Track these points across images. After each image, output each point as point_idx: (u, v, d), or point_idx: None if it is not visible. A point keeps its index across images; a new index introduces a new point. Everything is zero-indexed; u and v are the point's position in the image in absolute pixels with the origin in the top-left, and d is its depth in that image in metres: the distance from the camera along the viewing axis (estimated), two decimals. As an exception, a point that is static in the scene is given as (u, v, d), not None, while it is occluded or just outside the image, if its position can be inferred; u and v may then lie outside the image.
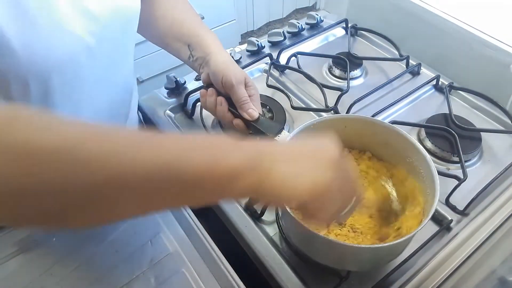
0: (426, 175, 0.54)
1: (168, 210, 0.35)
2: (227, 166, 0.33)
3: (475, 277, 0.59)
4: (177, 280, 0.57)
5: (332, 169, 0.37)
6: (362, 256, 0.52)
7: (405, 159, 0.59)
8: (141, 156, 0.30)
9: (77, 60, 0.51)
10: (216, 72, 0.62)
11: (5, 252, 0.60)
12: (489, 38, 0.83)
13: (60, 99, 0.52)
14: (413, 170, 0.58)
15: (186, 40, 0.67)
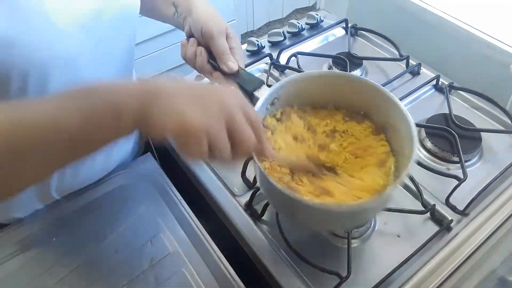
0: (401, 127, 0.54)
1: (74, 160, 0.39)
2: (107, 103, 0.37)
3: (475, 277, 0.59)
4: (177, 280, 0.57)
5: (208, 111, 0.39)
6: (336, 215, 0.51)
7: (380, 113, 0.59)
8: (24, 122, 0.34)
9: (73, 58, 0.51)
10: (196, 22, 0.60)
11: (5, 252, 0.60)
12: (489, 38, 0.83)
13: None
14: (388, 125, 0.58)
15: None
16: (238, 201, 0.66)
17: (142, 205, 0.66)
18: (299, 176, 0.54)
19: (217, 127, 0.39)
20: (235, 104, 0.41)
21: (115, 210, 0.66)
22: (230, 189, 0.67)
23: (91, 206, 0.66)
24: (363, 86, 0.59)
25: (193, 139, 0.38)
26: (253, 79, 0.58)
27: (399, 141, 0.56)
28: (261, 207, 0.63)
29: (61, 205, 0.66)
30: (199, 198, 0.70)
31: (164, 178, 0.70)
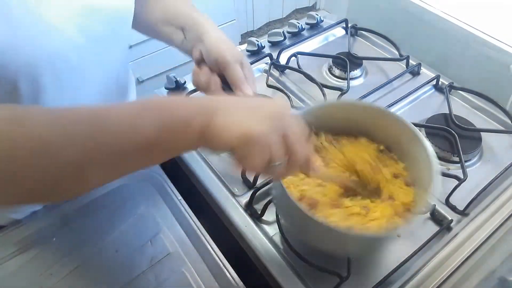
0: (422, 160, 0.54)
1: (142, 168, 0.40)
2: (179, 117, 0.38)
3: (475, 277, 0.59)
4: (177, 280, 0.57)
5: (268, 122, 0.40)
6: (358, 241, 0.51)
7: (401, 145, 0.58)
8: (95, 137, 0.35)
9: (67, 58, 0.50)
10: (210, 49, 0.60)
11: (5, 252, 0.60)
12: (489, 38, 0.83)
13: (51, 97, 0.52)
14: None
15: (179, 23, 0.65)
16: (238, 201, 0.66)
17: (142, 205, 0.66)
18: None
19: (276, 135, 0.40)
20: (288, 113, 0.43)
21: (115, 210, 0.66)
22: (230, 189, 0.67)
23: (91, 206, 0.66)
24: (387, 118, 0.59)
25: (256, 148, 0.39)
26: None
27: (419, 172, 0.56)
28: (261, 207, 0.63)
29: (61, 205, 0.66)
30: (199, 198, 0.70)
31: (164, 178, 0.70)
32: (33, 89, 0.49)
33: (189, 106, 0.40)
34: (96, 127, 0.36)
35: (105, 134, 0.36)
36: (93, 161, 0.36)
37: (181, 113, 0.39)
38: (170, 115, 0.38)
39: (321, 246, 0.53)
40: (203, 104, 0.40)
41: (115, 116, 0.37)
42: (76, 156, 0.34)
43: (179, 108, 0.39)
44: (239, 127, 0.39)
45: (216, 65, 0.60)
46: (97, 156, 0.36)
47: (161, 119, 0.38)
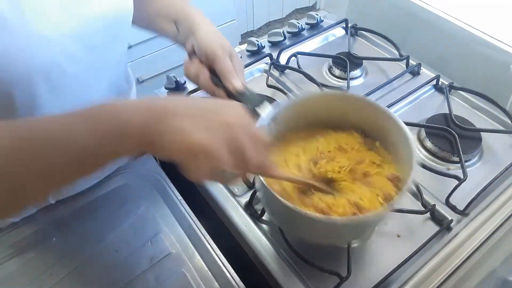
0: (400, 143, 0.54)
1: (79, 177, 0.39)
2: (116, 123, 0.37)
3: (475, 277, 0.59)
4: (177, 280, 0.57)
5: (213, 131, 0.38)
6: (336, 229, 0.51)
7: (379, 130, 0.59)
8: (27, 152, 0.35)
9: (62, 68, 0.50)
10: (200, 42, 0.60)
11: (4, 252, 0.60)
12: (489, 38, 0.83)
13: (47, 107, 0.52)
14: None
15: (173, 17, 0.66)
16: (238, 201, 0.66)
17: (142, 205, 0.66)
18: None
19: (220, 146, 0.39)
20: (239, 123, 0.41)
21: (115, 210, 0.66)
22: (230, 189, 0.67)
23: (91, 206, 0.66)
24: (359, 103, 0.59)
25: (196, 159, 0.38)
26: (256, 97, 0.59)
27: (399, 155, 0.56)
28: (261, 207, 0.63)
29: (61, 206, 0.66)
30: (199, 198, 0.70)
31: (164, 178, 0.70)
32: (28, 99, 0.49)
33: (128, 113, 0.38)
34: (34, 140, 0.35)
35: (41, 147, 0.36)
36: (31, 174, 0.35)
37: (116, 121, 0.37)
38: (102, 124, 0.37)
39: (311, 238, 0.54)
40: (144, 108, 0.38)
41: (50, 128, 0.37)
42: (12, 169, 0.34)
43: (115, 115, 0.37)
44: (181, 137, 0.37)
45: (206, 57, 0.60)
46: (35, 168, 0.35)
47: (92, 130, 0.36)
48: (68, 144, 0.36)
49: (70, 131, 0.36)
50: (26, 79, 0.47)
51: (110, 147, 0.37)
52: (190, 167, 0.39)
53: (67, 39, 0.49)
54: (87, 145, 0.36)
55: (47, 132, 0.36)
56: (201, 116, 0.39)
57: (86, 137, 0.36)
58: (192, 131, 0.38)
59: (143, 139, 0.37)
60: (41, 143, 0.36)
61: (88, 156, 0.37)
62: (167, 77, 0.84)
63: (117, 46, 0.60)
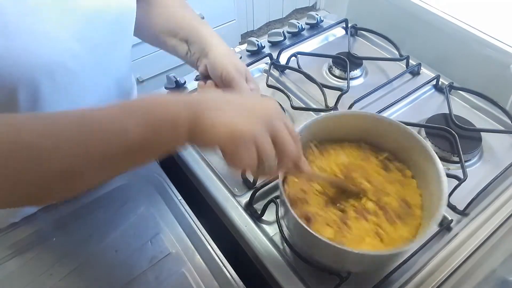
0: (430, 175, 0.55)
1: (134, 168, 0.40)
2: (165, 116, 0.38)
3: (475, 277, 0.59)
4: (177, 280, 0.57)
5: (256, 121, 0.41)
6: (363, 260, 0.52)
7: (411, 158, 0.59)
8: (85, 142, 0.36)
9: (66, 67, 0.50)
10: (215, 64, 0.60)
11: (5, 252, 0.60)
12: (489, 38, 0.83)
13: (50, 105, 0.51)
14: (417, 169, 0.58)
15: (183, 35, 0.65)
16: (238, 201, 0.66)
17: (142, 205, 0.66)
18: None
19: (265, 135, 0.41)
20: (278, 114, 0.43)
21: (115, 210, 0.66)
22: (230, 189, 0.67)
23: (91, 206, 0.66)
24: (391, 127, 0.60)
25: (243, 147, 0.39)
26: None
27: (424, 182, 0.57)
28: (261, 207, 0.63)
29: (61, 206, 0.66)
30: (199, 198, 0.70)
31: (164, 178, 0.70)
32: (31, 97, 0.49)
33: (175, 105, 0.39)
34: (83, 133, 0.36)
35: (92, 139, 0.36)
36: (82, 166, 0.36)
37: (167, 113, 0.39)
38: (155, 115, 0.38)
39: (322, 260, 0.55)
40: (191, 101, 0.40)
41: (100, 120, 0.37)
42: (65, 162, 0.35)
43: (165, 107, 0.39)
44: (227, 125, 0.39)
45: (221, 80, 0.60)
46: (86, 161, 0.36)
47: (147, 120, 0.38)
48: (119, 133, 0.37)
49: (116, 123, 0.37)
50: (29, 78, 0.47)
51: (159, 136, 0.38)
52: (234, 154, 0.40)
53: (71, 38, 0.49)
54: (139, 133, 0.37)
55: (100, 126, 0.37)
56: (240, 109, 0.41)
57: (136, 125, 0.37)
58: (237, 119, 0.40)
59: (192, 130, 0.39)
60: (95, 136, 0.36)
61: (139, 146, 0.37)
62: (167, 77, 0.84)
63: (120, 45, 0.60)
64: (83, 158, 0.36)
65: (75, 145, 0.35)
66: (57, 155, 0.35)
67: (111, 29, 0.55)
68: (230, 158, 0.40)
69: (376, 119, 0.61)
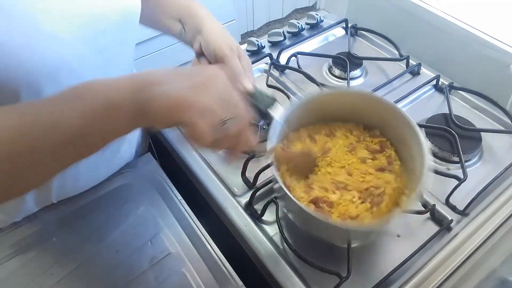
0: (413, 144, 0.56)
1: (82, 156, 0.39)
2: (105, 100, 0.36)
3: (475, 277, 0.59)
4: (177, 280, 0.57)
5: (203, 86, 0.39)
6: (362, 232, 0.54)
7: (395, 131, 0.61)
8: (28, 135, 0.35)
9: (70, 69, 0.50)
10: (208, 42, 0.60)
11: (4, 252, 0.60)
12: (489, 38, 0.83)
13: None
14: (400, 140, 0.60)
15: (177, 15, 0.65)
16: (238, 201, 0.66)
17: (142, 205, 0.66)
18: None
19: (208, 98, 0.39)
20: (221, 76, 0.42)
21: (115, 210, 0.66)
22: (230, 189, 0.67)
23: (91, 206, 0.66)
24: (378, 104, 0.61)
25: (197, 112, 0.38)
26: (266, 98, 0.59)
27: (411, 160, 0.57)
28: (261, 207, 0.63)
29: (62, 205, 0.66)
30: (199, 198, 0.70)
31: (164, 178, 0.70)
32: (34, 98, 0.49)
33: (113, 86, 0.38)
34: (25, 123, 0.35)
35: (32, 129, 0.35)
36: (26, 157, 0.35)
37: (105, 95, 0.37)
38: (91, 99, 0.36)
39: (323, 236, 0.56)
40: (130, 80, 0.38)
41: (41, 112, 0.36)
42: (8, 152, 0.34)
43: (103, 89, 0.37)
44: (174, 95, 0.37)
45: (214, 58, 0.59)
46: (29, 151, 0.35)
47: (85, 107, 0.36)
48: (56, 125, 0.35)
49: (55, 113, 0.36)
50: (34, 79, 0.47)
51: (98, 124, 0.37)
52: (189, 129, 0.38)
53: (77, 39, 0.49)
54: (74, 124, 0.36)
55: (38, 116, 0.36)
56: (184, 78, 0.40)
57: (72, 117, 0.36)
58: (179, 91, 0.38)
59: (134, 112, 0.37)
60: (35, 126, 0.35)
61: (79, 137, 0.36)
62: (167, 77, 0.84)
63: (124, 47, 0.60)
64: (19, 151, 0.35)
65: (11, 138, 0.34)
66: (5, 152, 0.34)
67: (117, 31, 0.55)
68: (189, 128, 0.38)
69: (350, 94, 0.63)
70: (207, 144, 0.40)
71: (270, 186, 0.66)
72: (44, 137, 0.35)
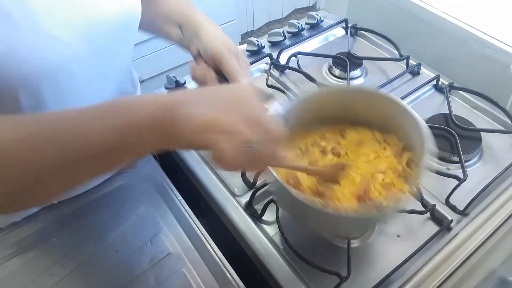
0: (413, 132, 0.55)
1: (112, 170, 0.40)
2: (132, 118, 0.37)
3: (475, 277, 0.59)
4: (177, 280, 0.57)
5: (230, 107, 0.39)
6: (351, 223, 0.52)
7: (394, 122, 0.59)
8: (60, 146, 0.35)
9: (69, 70, 0.50)
10: (205, 44, 0.60)
11: (4, 252, 0.60)
12: (489, 38, 0.83)
13: (52, 108, 0.51)
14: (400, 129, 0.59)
15: (176, 20, 0.66)
16: (238, 201, 0.66)
17: (142, 205, 0.66)
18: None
19: (234, 119, 0.39)
20: (249, 96, 0.42)
21: (115, 210, 0.66)
22: (230, 189, 0.67)
23: (92, 206, 0.66)
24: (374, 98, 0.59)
25: (223, 133, 0.37)
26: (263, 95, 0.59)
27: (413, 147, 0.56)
28: (261, 207, 0.63)
29: (62, 205, 0.66)
30: (199, 198, 0.70)
31: (164, 178, 0.70)
32: (33, 99, 0.49)
33: (144, 106, 0.38)
34: (52, 137, 0.35)
35: (60, 143, 0.35)
36: (51, 171, 0.35)
37: (135, 115, 0.37)
38: (122, 118, 0.37)
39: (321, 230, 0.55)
40: (161, 101, 0.38)
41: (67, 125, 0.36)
42: (34, 166, 0.34)
43: (132, 109, 0.37)
44: (199, 117, 0.37)
45: (212, 59, 0.60)
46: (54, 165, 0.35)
47: (114, 124, 0.36)
48: (88, 137, 0.36)
49: (89, 125, 0.36)
50: (33, 81, 0.47)
51: (129, 140, 0.37)
52: (215, 151, 0.38)
53: (77, 41, 0.49)
54: (103, 138, 0.36)
55: (67, 124, 0.36)
56: (211, 99, 0.40)
57: (105, 131, 0.36)
58: (205, 111, 0.38)
59: (160, 132, 0.37)
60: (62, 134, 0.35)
61: (105, 151, 0.36)
62: (167, 77, 0.84)
63: (124, 49, 0.60)
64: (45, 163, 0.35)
65: (38, 150, 0.34)
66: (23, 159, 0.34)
67: (116, 33, 0.55)
68: (214, 150, 0.38)
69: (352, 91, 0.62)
70: (233, 168, 0.40)
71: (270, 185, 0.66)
72: (72, 149, 0.35)
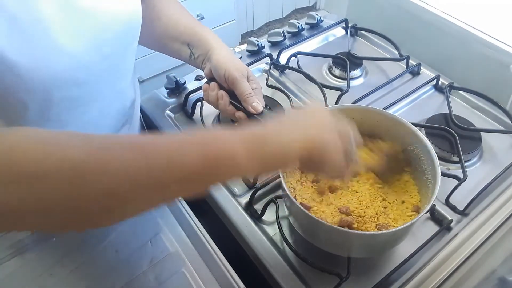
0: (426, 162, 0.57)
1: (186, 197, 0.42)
2: (222, 150, 0.38)
3: (475, 277, 0.59)
4: (177, 280, 0.57)
5: (321, 125, 0.43)
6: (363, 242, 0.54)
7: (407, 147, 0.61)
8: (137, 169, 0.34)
9: (76, 76, 0.50)
10: (218, 67, 0.63)
11: (5, 252, 0.60)
12: (489, 38, 0.83)
13: (58, 113, 0.52)
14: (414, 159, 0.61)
15: (185, 39, 0.68)
16: (238, 201, 0.66)
17: (142, 205, 0.66)
18: None
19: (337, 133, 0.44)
20: (333, 118, 0.46)
21: (115, 210, 0.66)
22: (230, 189, 0.67)
23: (91, 206, 0.66)
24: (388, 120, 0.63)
25: (327, 152, 0.41)
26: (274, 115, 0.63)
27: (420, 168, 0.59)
28: (261, 207, 0.63)
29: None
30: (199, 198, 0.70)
31: (164, 178, 0.70)
32: (41, 106, 0.49)
33: (231, 138, 0.39)
34: (137, 159, 0.34)
35: (146, 166, 0.35)
36: (128, 192, 0.34)
37: (224, 146, 0.39)
38: (213, 148, 0.38)
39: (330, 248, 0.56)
40: (252, 134, 0.41)
41: (156, 150, 0.36)
42: (111, 185, 0.33)
43: (222, 140, 0.39)
44: (299, 137, 0.41)
45: (224, 81, 0.63)
46: (132, 187, 0.34)
47: (204, 153, 0.37)
48: (179, 164, 0.36)
49: (186, 153, 0.37)
50: (42, 89, 0.47)
51: (218, 171, 0.39)
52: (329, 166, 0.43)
53: (85, 49, 0.49)
54: (193, 165, 0.37)
55: (157, 154, 0.36)
56: (298, 122, 0.44)
57: (193, 158, 0.37)
58: (307, 130, 0.42)
59: (256, 162, 0.40)
60: (152, 163, 0.35)
61: (192, 178, 0.37)
62: (167, 77, 0.84)
63: (127, 54, 0.60)
64: (130, 183, 0.34)
65: (124, 170, 0.33)
66: (103, 177, 0.32)
67: (120, 39, 0.55)
68: (319, 166, 0.42)
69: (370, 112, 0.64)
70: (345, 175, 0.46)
71: (270, 186, 0.66)
72: (162, 173, 0.35)
